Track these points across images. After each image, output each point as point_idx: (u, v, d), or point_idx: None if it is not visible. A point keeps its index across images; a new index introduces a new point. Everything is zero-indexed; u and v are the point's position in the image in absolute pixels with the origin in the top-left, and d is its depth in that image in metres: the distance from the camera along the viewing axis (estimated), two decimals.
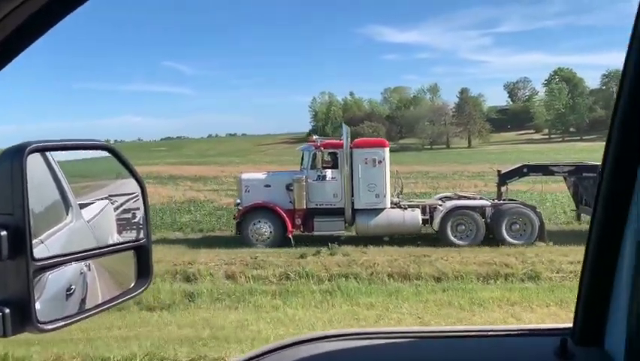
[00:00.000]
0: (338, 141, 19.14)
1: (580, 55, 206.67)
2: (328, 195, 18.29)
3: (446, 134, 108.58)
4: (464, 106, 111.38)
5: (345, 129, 18.64)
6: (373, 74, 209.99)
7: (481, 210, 18.23)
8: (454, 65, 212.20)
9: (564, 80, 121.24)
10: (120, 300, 1.55)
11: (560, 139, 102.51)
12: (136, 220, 1.69)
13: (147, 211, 1.64)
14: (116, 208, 1.80)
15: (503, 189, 19.80)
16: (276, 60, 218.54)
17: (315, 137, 20.04)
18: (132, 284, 1.60)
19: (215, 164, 63.26)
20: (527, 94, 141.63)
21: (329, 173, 18.33)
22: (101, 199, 1.85)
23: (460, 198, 19.93)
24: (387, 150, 18.63)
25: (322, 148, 18.46)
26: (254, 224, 18.08)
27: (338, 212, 18.25)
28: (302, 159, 19.61)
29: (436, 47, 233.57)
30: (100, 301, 1.55)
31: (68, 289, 1.49)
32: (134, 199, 1.68)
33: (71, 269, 1.48)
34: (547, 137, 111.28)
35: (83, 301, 1.54)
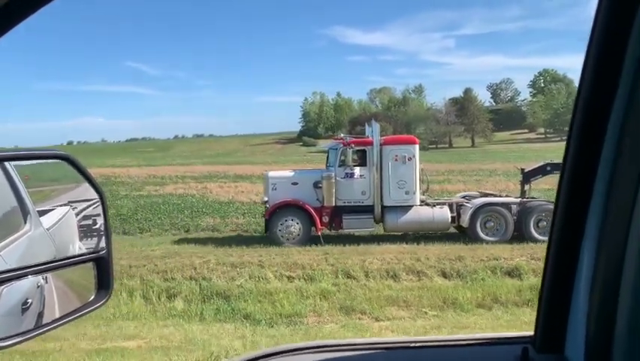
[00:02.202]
0: (366, 139, 19.12)
1: (538, 57, 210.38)
2: (356, 192, 18.24)
3: (448, 134, 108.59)
4: (468, 106, 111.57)
5: (375, 126, 18.63)
6: (338, 75, 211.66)
7: (508, 207, 18.31)
8: (417, 66, 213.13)
9: (555, 80, 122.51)
10: (79, 313, 1.51)
11: (558, 138, 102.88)
12: (96, 227, 1.65)
13: (107, 221, 1.59)
14: (77, 214, 1.76)
15: (527, 187, 19.95)
16: (239, 61, 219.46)
17: (342, 134, 20.05)
18: (92, 297, 1.55)
19: (237, 164, 61.79)
20: (510, 95, 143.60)
21: (357, 170, 18.28)
22: (62, 206, 1.82)
23: (485, 195, 20.05)
24: (417, 146, 18.66)
25: (352, 145, 18.40)
26: (281, 223, 18.02)
27: (367, 209, 18.22)
28: (327, 156, 19.64)
29: (400, 48, 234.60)
30: (58, 316, 1.50)
31: (24, 303, 1.44)
32: (96, 205, 1.63)
33: (28, 282, 1.42)
34: (543, 136, 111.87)
35: (40, 315, 1.49)
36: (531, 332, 1.73)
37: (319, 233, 18.08)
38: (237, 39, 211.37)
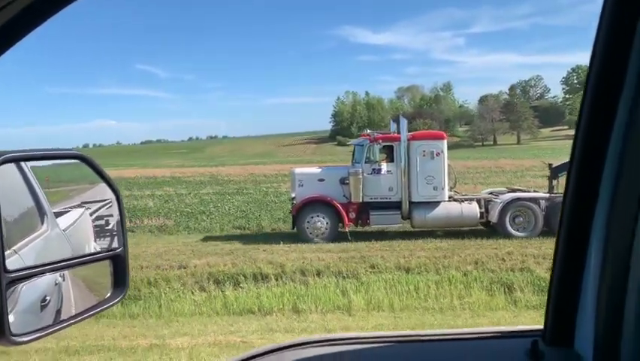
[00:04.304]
0: (393, 134, 19.10)
1: (549, 55, 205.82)
2: (384, 188, 18.21)
3: (492, 131, 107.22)
4: (514, 103, 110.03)
5: (403, 121, 18.56)
6: (348, 75, 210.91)
7: (537, 202, 18.09)
8: (427, 65, 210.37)
9: None
10: (96, 310, 1.53)
11: None
12: (109, 227, 1.67)
13: (123, 219, 1.60)
14: (92, 214, 1.79)
15: (555, 182, 19.60)
16: (249, 63, 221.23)
17: (368, 131, 20.00)
18: (108, 294, 1.56)
19: (302, 163, 62.06)
20: (539, 92, 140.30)
21: (384, 166, 18.24)
22: (77, 207, 1.84)
23: (513, 191, 19.81)
24: (445, 142, 18.51)
25: (379, 141, 18.38)
26: (307, 221, 18.10)
27: (394, 205, 18.16)
28: (353, 153, 19.65)
29: (409, 47, 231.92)
30: (75, 312, 1.51)
31: (43, 300, 1.46)
32: (108, 206, 1.63)
33: (46, 280, 1.44)
34: None
35: (59, 312, 1.52)
36: (541, 326, 1.75)
37: (347, 229, 18.09)
38: (246, 40, 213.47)
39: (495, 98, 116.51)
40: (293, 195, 18.79)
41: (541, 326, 1.75)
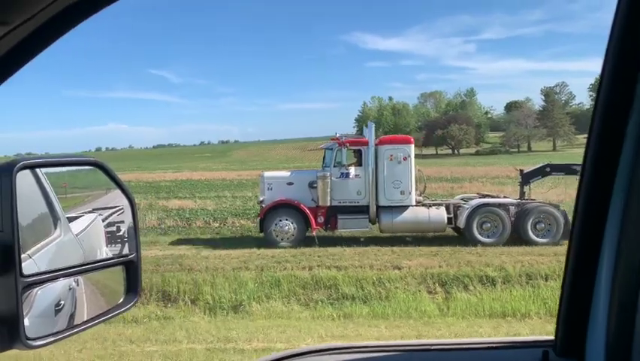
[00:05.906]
0: (361, 139, 19.05)
1: (560, 61, 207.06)
2: (352, 192, 18.16)
3: (527, 138, 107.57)
4: (551, 109, 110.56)
5: (371, 126, 18.59)
6: (358, 82, 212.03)
7: (505, 208, 18.09)
8: (438, 71, 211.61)
9: None
10: (109, 315, 1.55)
11: None
12: (120, 234, 1.68)
13: (136, 226, 1.61)
14: (103, 220, 1.80)
15: (526, 188, 19.67)
16: (260, 69, 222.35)
17: (338, 134, 19.93)
18: (121, 299, 1.59)
19: None
20: (564, 98, 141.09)
21: (352, 170, 18.21)
22: (89, 212, 1.86)
23: (483, 196, 19.83)
24: (412, 146, 18.54)
25: (347, 145, 18.34)
26: (275, 224, 17.95)
27: (362, 210, 18.12)
28: (324, 156, 19.57)
29: (420, 54, 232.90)
30: (89, 317, 1.54)
31: (57, 305, 1.48)
32: (120, 212, 1.65)
33: (60, 285, 1.47)
34: None
35: (72, 316, 1.54)
36: (552, 336, 1.74)
37: (314, 233, 17.99)
38: (258, 47, 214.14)
39: (527, 105, 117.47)
40: (261, 198, 18.67)
41: (552, 337, 1.74)
